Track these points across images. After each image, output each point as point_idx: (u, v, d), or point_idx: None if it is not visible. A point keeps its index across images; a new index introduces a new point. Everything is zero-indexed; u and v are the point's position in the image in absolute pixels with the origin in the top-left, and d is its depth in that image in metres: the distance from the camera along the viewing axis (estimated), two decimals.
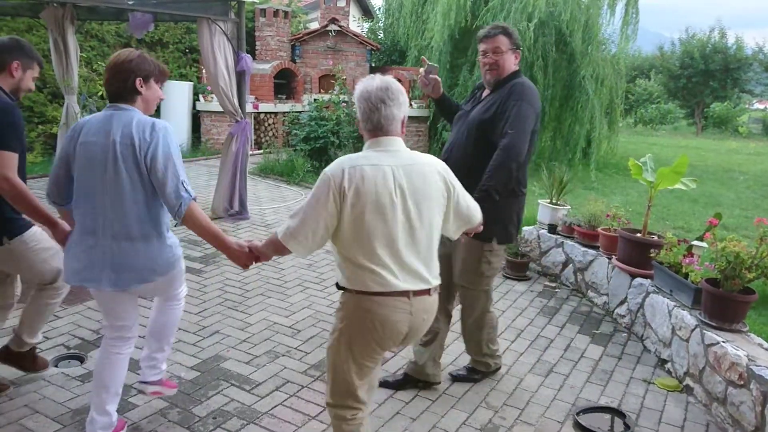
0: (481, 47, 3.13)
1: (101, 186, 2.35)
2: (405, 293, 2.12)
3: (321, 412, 3.01)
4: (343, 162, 2.14)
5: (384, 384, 3.21)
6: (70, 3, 6.06)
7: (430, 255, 2.20)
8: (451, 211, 2.29)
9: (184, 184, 2.37)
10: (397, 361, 3.56)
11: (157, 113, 10.70)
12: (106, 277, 2.41)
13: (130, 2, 5.76)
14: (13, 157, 2.55)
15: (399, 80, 7.32)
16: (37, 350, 3.23)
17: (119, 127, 2.35)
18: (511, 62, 3.11)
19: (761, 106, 37.10)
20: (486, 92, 3.20)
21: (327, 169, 2.15)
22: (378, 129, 2.16)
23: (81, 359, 3.40)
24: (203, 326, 3.90)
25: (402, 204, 2.10)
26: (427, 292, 2.19)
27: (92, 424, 2.57)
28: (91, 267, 2.41)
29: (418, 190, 2.13)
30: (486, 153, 3.00)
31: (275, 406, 3.05)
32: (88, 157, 2.36)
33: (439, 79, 3.31)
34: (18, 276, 3.08)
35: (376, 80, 2.17)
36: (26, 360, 3.11)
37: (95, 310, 4.01)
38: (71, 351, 3.47)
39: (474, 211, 2.41)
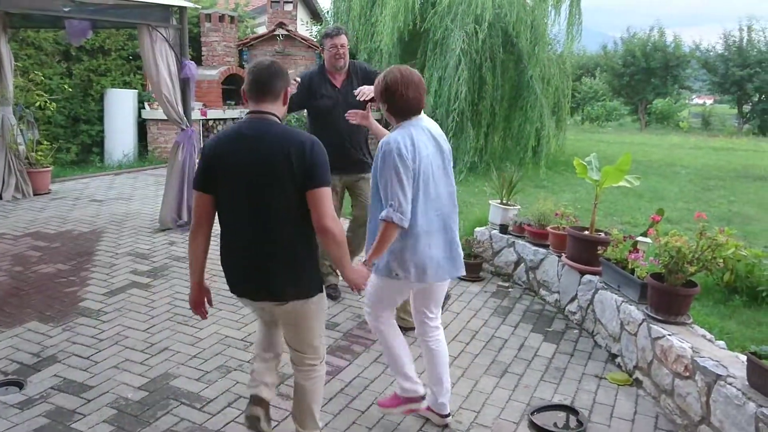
0: (330, 42, 4.10)
1: None
2: None
3: (275, 426, 2.94)
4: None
5: None
6: (1, 10, 5.79)
7: None
8: None
9: None
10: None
11: (101, 122, 10.38)
12: None
13: (66, 9, 5.54)
14: None
15: None
16: None
17: None
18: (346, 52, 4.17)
19: (700, 101, 38.62)
20: (339, 78, 4.20)
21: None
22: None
23: (20, 385, 3.24)
24: (151, 343, 3.78)
25: None
26: None
27: None
28: None
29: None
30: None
31: (227, 423, 2.97)
32: None
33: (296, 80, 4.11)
34: None
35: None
36: None
37: (35, 332, 3.84)
38: (9, 377, 3.31)
39: None
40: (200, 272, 2.54)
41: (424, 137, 2.73)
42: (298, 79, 4.15)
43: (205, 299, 2.61)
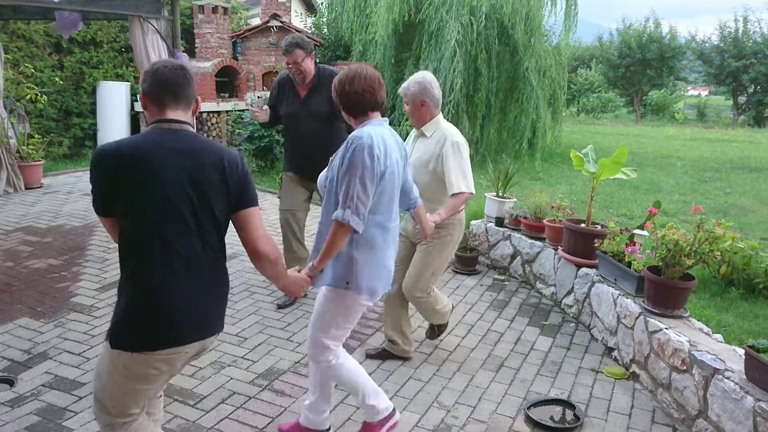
0: (285, 59, 4.07)
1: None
2: None
3: (269, 423, 2.92)
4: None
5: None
6: None
7: None
8: None
9: None
10: None
11: (93, 115, 10.29)
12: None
13: (56, 0, 5.47)
14: None
15: None
16: None
17: None
18: (309, 64, 4.08)
19: (695, 93, 38.68)
20: (303, 89, 4.18)
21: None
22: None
23: (11, 382, 3.19)
24: None
25: None
26: None
27: None
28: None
29: None
30: (337, 131, 4.04)
31: (221, 420, 2.93)
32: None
33: (267, 107, 4.32)
34: None
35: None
36: None
37: (26, 328, 3.80)
38: (0, 374, 3.27)
39: None
40: None
41: (392, 140, 2.55)
42: (266, 107, 4.34)
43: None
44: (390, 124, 2.65)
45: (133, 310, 1.97)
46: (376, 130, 2.48)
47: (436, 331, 3.73)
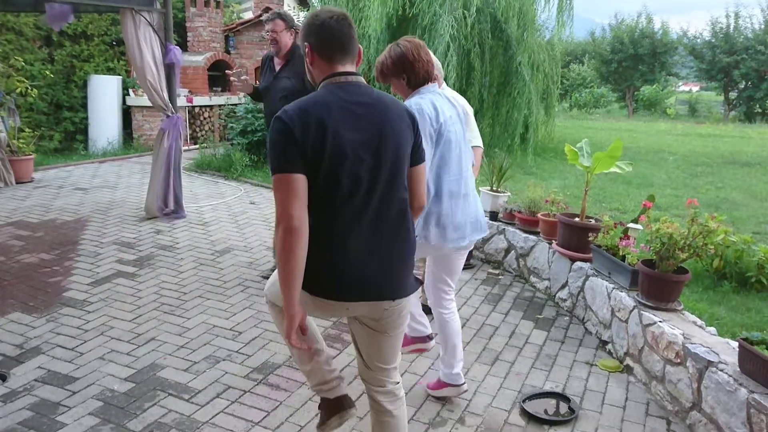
0: (265, 27, 4.25)
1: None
2: None
3: (265, 417, 2.91)
4: None
5: None
6: None
7: None
8: None
9: None
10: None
11: (84, 109, 10.21)
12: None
13: None
14: None
15: None
16: None
17: None
18: (286, 37, 4.22)
19: (686, 88, 38.82)
20: (278, 62, 4.29)
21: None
22: None
23: (3, 377, 3.16)
24: (138, 333, 3.71)
25: None
26: None
27: None
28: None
29: None
30: None
31: (216, 414, 2.92)
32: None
33: (247, 77, 4.35)
34: None
35: None
36: None
37: (18, 323, 3.77)
38: None
39: None
40: None
41: (444, 102, 2.80)
42: (245, 78, 4.38)
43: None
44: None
45: None
46: (424, 96, 2.74)
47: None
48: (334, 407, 2.36)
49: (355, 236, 1.91)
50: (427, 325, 3.23)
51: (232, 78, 4.35)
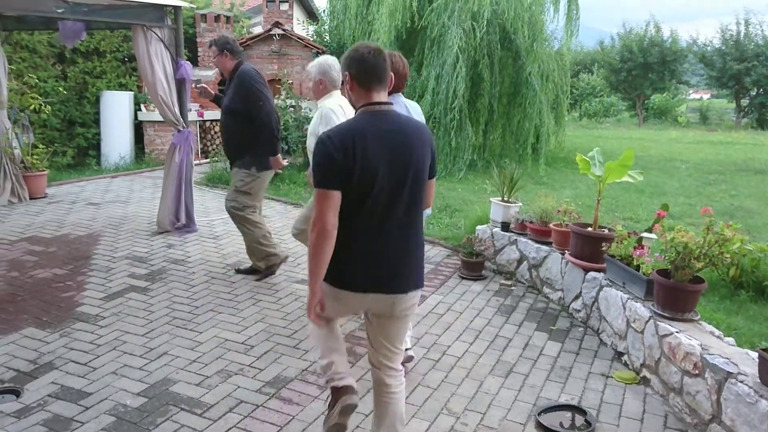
0: None
1: None
2: None
3: (278, 431, 2.88)
4: None
5: None
6: None
7: None
8: None
9: None
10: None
11: (97, 125, 10.30)
12: None
13: (60, 10, 5.47)
14: None
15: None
16: None
17: None
18: (222, 61, 4.66)
19: (697, 96, 38.59)
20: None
21: None
22: None
23: (17, 393, 3.17)
24: (150, 348, 3.71)
25: None
26: None
27: None
28: None
29: None
30: (243, 127, 4.55)
31: (229, 429, 2.90)
32: None
33: (205, 86, 4.99)
34: None
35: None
36: None
37: (32, 338, 3.78)
38: (6, 385, 3.24)
39: None
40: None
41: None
42: (202, 85, 5.07)
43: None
44: None
45: None
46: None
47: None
48: (340, 393, 2.53)
49: (376, 240, 2.30)
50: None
51: (192, 85, 4.94)
